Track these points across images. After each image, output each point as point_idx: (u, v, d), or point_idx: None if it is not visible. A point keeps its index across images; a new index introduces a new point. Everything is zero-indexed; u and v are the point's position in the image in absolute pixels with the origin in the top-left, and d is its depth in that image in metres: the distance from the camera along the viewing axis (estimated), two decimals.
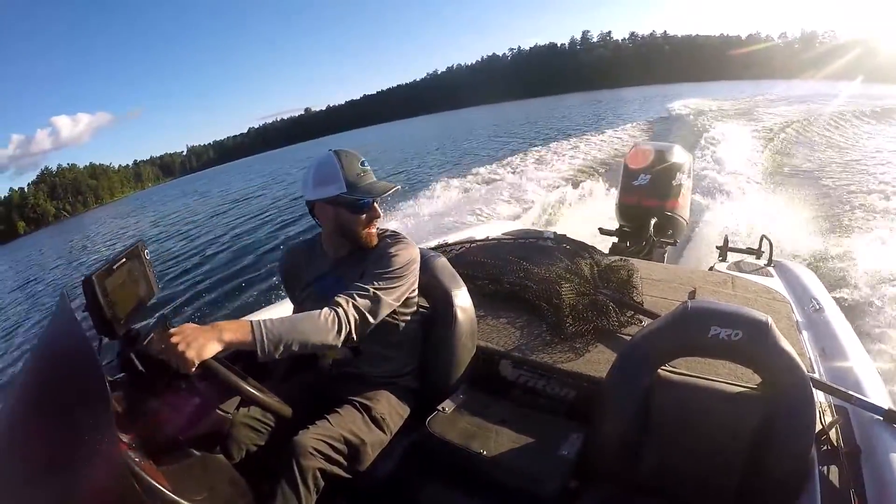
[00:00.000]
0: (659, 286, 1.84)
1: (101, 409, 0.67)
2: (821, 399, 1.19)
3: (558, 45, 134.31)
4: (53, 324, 0.96)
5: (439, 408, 1.26)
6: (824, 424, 1.12)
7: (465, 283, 1.42)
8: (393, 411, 1.20)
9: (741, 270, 2.21)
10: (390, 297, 1.14)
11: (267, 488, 0.95)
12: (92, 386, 0.69)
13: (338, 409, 1.12)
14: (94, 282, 0.81)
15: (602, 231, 3.11)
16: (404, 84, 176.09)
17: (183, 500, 0.72)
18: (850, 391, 1.19)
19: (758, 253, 2.55)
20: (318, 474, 0.98)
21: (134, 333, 0.91)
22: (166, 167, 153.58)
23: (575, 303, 1.58)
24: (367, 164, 1.19)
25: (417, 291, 1.27)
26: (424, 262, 1.32)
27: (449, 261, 1.47)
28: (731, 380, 1.11)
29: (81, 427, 0.66)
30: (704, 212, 5.08)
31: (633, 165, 2.96)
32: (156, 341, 0.88)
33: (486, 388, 1.39)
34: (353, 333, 1.05)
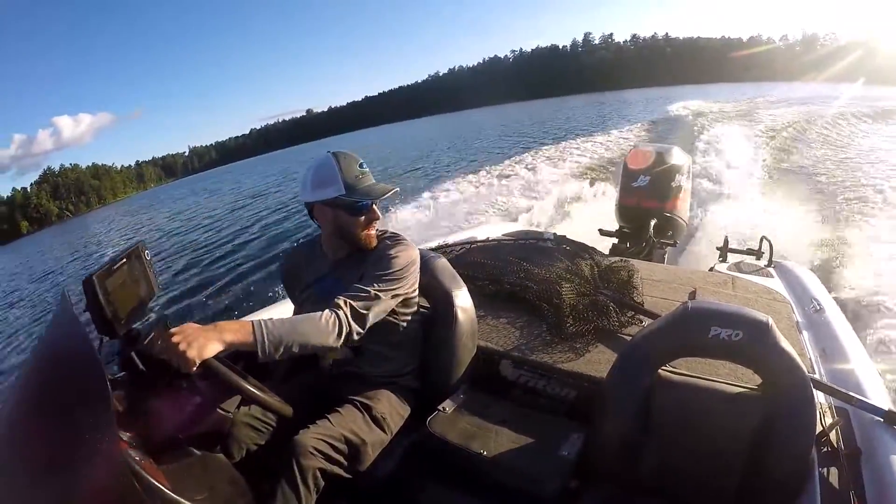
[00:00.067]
0: (659, 287, 1.84)
1: (102, 408, 0.67)
2: (821, 400, 1.19)
3: (560, 47, 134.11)
4: (54, 323, 0.96)
5: (440, 408, 1.26)
6: (824, 425, 1.12)
7: (466, 284, 1.42)
8: (393, 411, 1.20)
9: (741, 271, 2.21)
10: (390, 298, 1.14)
11: (267, 488, 0.95)
12: (92, 385, 0.69)
13: (338, 409, 1.12)
14: (95, 282, 0.81)
15: (602, 232, 3.11)
16: (406, 85, 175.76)
17: (183, 500, 0.72)
18: (850, 392, 1.19)
19: (758, 254, 2.55)
20: (319, 474, 0.98)
21: (134, 333, 0.91)
22: (168, 168, 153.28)
23: (575, 303, 1.59)
24: (365, 165, 1.19)
25: (418, 292, 1.27)
26: (425, 262, 1.33)
27: (449, 261, 1.47)
28: (731, 380, 1.11)
29: (82, 426, 0.66)
30: (704, 213, 5.09)
31: (632, 167, 2.96)
32: (156, 340, 0.89)
33: (486, 388, 1.39)
34: (352, 335, 1.06)
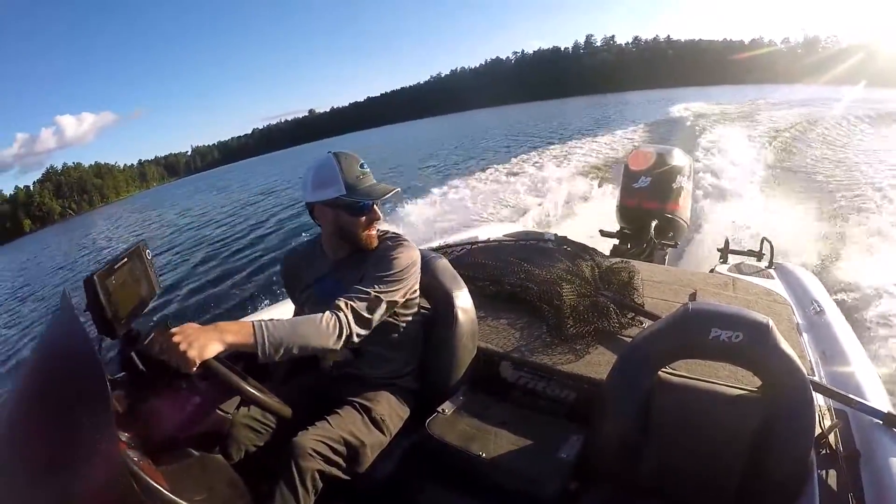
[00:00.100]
0: (660, 288, 1.84)
1: (101, 408, 0.67)
2: (820, 402, 1.19)
3: (562, 49, 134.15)
4: (54, 323, 0.96)
5: (439, 409, 1.25)
6: (824, 428, 1.11)
7: (466, 285, 1.42)
8: (393, 413, 1.20)
9: (742, 272, 2.21)
10: (390, 300, 1.14)
11: (266, 489, 0.95)
12: (92, 385, 0.69)
13: (337, 410, 1.12)
14: (96, 281, 0.81)
15: (603, 233, 3.11)
16: (408, 86, 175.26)
17: (181, 501, 0.72)
18: (850, 395, 1.18)
19: (759, 255, 2.55)
20: (317, 475, 0.98)
21: (135, 333, 0.91)
22: (171, 167, 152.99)
23: (576, 304, 1.58)
24: (366, 166, 1.19)
25: (418, 292, 1.27)
26: (425, 263, 1.33)
27: (450, 262, 1.47)
28: (731, 382, 1.11)
29: (81, 426, 0.66)
30: (705, 214, 5.08)
31: (633, 168, 2.96)
32: (156, 341, 0.89)
33: (486, 389, 1.39)
34: (353, 337, 1.06)
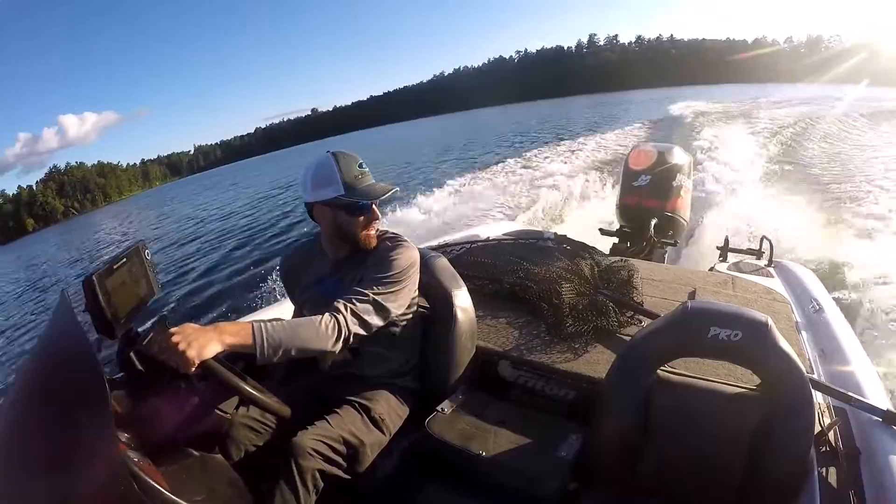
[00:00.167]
0: (659, 286, 1.84)
1: (100, 408, 0.67)
2: (820, 400, 1.19)
3: (565, 48, 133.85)
4: (53, 323, 0.96)
5: (438, 408, 1.26)
6: (823, 426, 1.11)
7: (465, 284, 1.42)
8: (392, 412, 1.20)
9: (741, 271, 2.20)
10: (390, 302, 1.14)
11: (266, 489, 0.95)
12: (91, 385, 0.69)
13: (337, 410, 1.12)
14: (95, 281, 0.81)
15: (602, 232, 3.10)
16: (411, 85, 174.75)
17: (182, 501, 0.72)
18: (849, 392, 1.18)
19: (758, 253, 2.54)
20: (317, 475, 0.98)
21: (133, 333, 0.91)
22: (174, 166, 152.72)
23: (575, 303, 1.58)
24: (365, 165, 1.18)
25: (417, 292, 1.27)
26: (425, 262, 1.33)
27: (449, 261, 1.47)
28: (730, 380, 1.11)
29: (80, 426, 0.66)
30: (705, 212, 5.07)
31: (633, 166, 2.96)
32: (156, 341, 0.89)
33: (485, 388, 1.39)
34: (351, 339, 1.06)
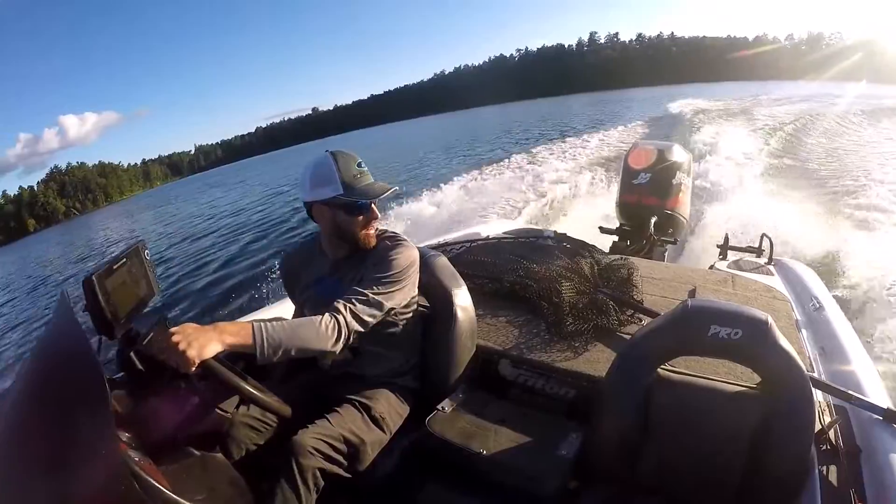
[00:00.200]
0: (659, 285, 1.84)
1: (101, 408, 0.67)
2: (820, 398, 1.19)
3: (566, 46, 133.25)
4: (53, 323, 0.96)
5: (439, 407, 1.26)
6: (824, 424, 1.11)
7: (465, 282, 1.42)
8: (392, 411, 1.20)
9: (741, 269, 2.20)
10: (390, 301, 1.14)
11: (266, 488, 0.96)
12: (91, 385, 0.69)
13: (337, 409, 1.12)
14: (95, 282, 0.81)
15: (602, 230, 3.10)
16: (412, 84, 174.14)
17: (183, 500, 0.72)
18: (849, 391, 1.18)
19: (758, 251, 2.54)
20: (318, 474, 0.98)
21: (134, 333, 0.92)
22: (175, 166, 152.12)
23: (575, 301, 1.58)
24: (364, 164, 1.18)
25: (417, 291, 1.27)
26: (424, 261, 1.33)
27: (449, 260, 1.46)
28: (730, 379, 1.11)
29: (81, 426, 0.66)
30: (705, 210, 5.06)
31: (633, 164, 2.96)
32: (156, 340, 0.89)
33: (485, 387, 1.39)
34: (351, 339, 1.07)
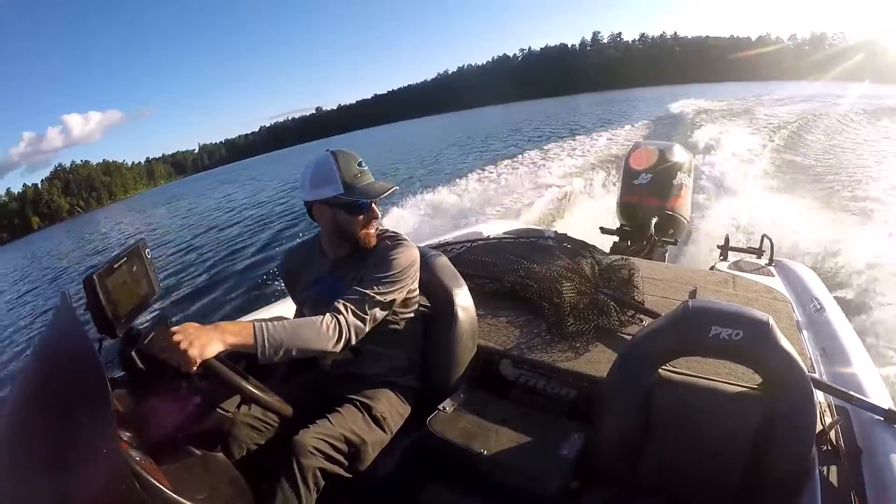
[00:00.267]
0: (660, 285, 1.84)
1: (102, 407, 0.67)
2: (821, 399, 1.19)
3: (569, 46, 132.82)
4: (54, 323, 0.96)
5: (440, 407, 1.26)
6: (825, 425, 1.11)
7: (466, 282, 1.42)
8: (393, 410, 1.20)
9: (742, 270, 2.20)
10: (390, 300, 1.15)
11: (267, 487, 0.95)
12: (92, 385, 0.69)
13: (338, 409, 1.12)
14: (95, 281, 0.81)
15: (603, 230, 3.10)
16: (415, 84, 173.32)
17: (184, 500, 0.72)
18: (850, 391, 1.18)
19: (759, 252, 2.54)
20: (319, 473, 0.98)
21: (135, 332, 0.91)
22: (178, 165, 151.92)
23: (576, 302, 1.58)
24: (364, 164, 1.18)
25: (418, 291, 1.27)
26: (425, 260, 1.33)
27: (450, 260, 1.47)
28: (731, 380, 1.11)
29: (82, 426, 0.66)
30: (706, 211, 5.07)
31: (634, 165, 2.96)
32: (157, 340, 0.89)
33: (486, 387, 1.39)
34: (352, 340, 1.07)
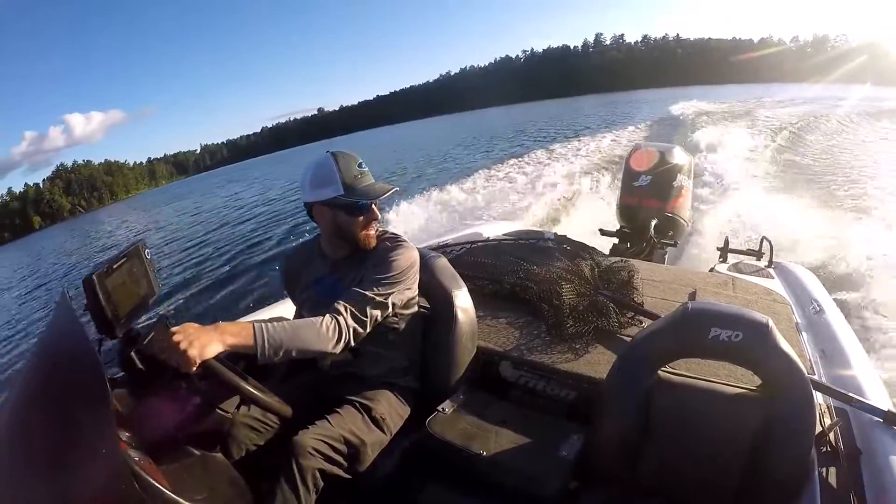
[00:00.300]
0: (659, 287, 1.84)
1: (101, 408, 0.67)
2: (821, 401, 1.19)
3: (571, 48, 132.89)
4: (54, 323, 0.96)
5: (439, 408, 1.26)
6: (824, 426, 1.11)
7: (466, 284, 1.42)
8: (393, 412, 1.20)
9: (741, 272, 2.20)
10: (390, 301, 1.15)
11: (266, 488, 0.95)
12: (92, 385, 0.69)
13: (338, 410, 1.12)
14: (95, 281, 0.81)
15: (602, 232, 3.11)
16: (417, 85, 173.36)
17: (183, 500, 0.72)
18: (850, 393, 1.18)
19: (758, 254, 2.54)
20: (318, 474, 0.98)
21: (134, 333, 0.91)
22: (180, 165, 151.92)
23: (575, 303, 1.58)
24: (364, 165, 1.19)
25: (417, 292, 1.27)
26: (425, 262, 1.33)
27: (449, 261, 1.47)
28: (731, 381, 1.11)
29: (81, 426, 0.66)
30: (705, 213, 5.07)
31: (634, 167, 2.96)
32: (157, 340, 0.89)
33: (486, 388, 1.39)
34: (351, 341, 1.08)
